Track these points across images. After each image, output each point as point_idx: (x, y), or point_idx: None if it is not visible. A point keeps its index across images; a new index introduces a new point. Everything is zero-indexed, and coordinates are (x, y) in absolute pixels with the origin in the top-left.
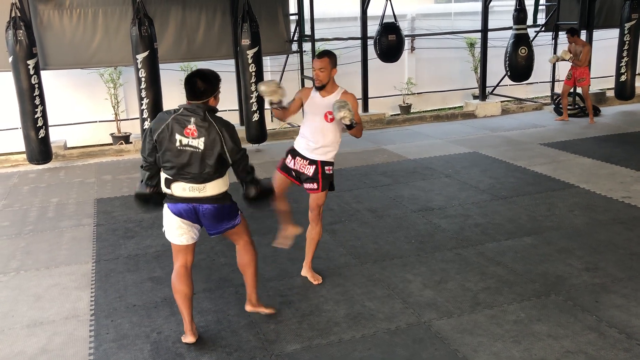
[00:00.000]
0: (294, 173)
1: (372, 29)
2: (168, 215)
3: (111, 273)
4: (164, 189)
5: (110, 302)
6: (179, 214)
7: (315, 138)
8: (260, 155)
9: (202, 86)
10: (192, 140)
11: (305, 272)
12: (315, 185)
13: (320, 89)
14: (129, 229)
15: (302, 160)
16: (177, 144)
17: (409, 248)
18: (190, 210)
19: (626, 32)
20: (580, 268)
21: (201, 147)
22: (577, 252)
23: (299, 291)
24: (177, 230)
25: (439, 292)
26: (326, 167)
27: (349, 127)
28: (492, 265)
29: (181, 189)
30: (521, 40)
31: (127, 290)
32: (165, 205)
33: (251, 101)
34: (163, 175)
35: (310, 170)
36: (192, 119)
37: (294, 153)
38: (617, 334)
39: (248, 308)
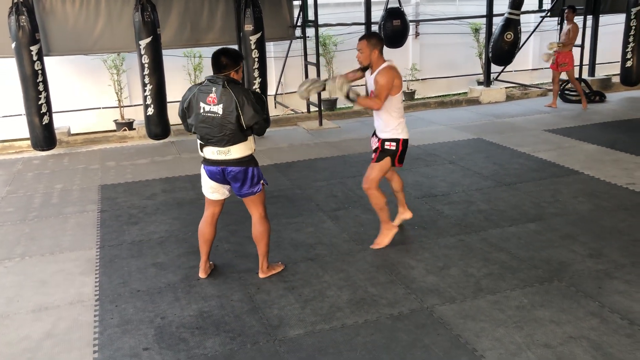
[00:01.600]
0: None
1: (376, 14)
2: (203, 175)
3: (115, 259)
4: (200, 152)
5: (114, 288)
6: (210, 175)
7: (374, 116)
8: (263, 141)
9: (224, 61)
10: (212, 107)
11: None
12: (373, 156)
13: (365, 69)
14: (133, 215)
15: (373, 137)
16: (201, 110)
17: (412, 234)
18: (219, 172)
19: (632, 17)
20: (583, 254)
21: (220, 112)
22: (581, 238)
23: (302, 277)
24: (209, 189)
25: (442, 278)
26: (386, 143)
27: (351, 100)
28: (495, 252)
29: (210, 152)
30: (510, 25)
31: (131, 275)
32: (201, 166)
33: (254, 87)
34: (198, 141)
35: (374, 145)
36: (214, 89)
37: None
38: (619, 319)
39: (260, 275)
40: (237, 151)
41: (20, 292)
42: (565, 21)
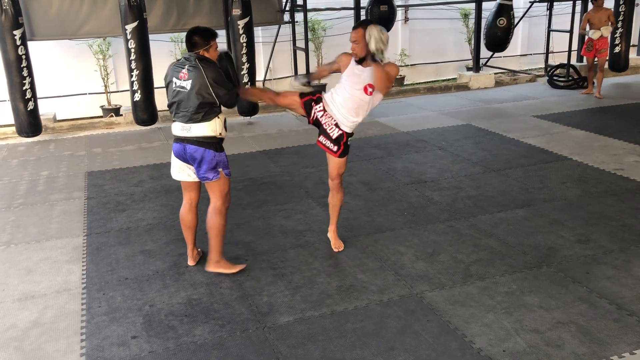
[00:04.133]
0: (313, 117)
1: None
2: (172, 155)
3: (102, 246)
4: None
5: (101, 276)
6: (175, 152)
7: (347, 108)
8: (251, 128)
9: (195, 39)
10: (183, 82)
11: (330, 235)
12: (335, 148)
13: (359, 62)
14: (120, 202)
15: (330, 118)
16: (174, 85)
17: (402, 220)
18: (181, 149)
19: (621, 2)
20: (572, 240)
21: (188, 87)
22: (569, 224)
23: (292, 264)
24: (175, 169)
25: (431, 264)
26: (350, 139)
27: (372, 58)
28: (485, 238)
29: (176, 128)
30: (503, 11)
31: (119, 263)
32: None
33: (242, 72)
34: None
35: (334, 133)
36: (186, 65)
37: (324, 105)
38: (607, 304)
39: (206, 267)
40: (197, 130)
41: (5, 281)
42: (593, 5)
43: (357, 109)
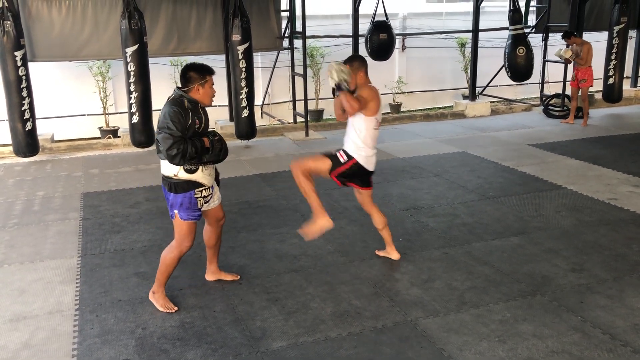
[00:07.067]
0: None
1: (364, 27)
2: None
3: (97, 268)
4: None
5: (95, 297)
6: None
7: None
8: (249, 151)
9: (190, 74)
10: None
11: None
12: (332, 159)
13: (351, 93)
14: (116, 223)
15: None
16: None
17: (397, 246)
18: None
19: (615, 35)
20: (566, 269)
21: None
22: (563, 252)
23: (286, 288)
24: None
25: (426, 291)
26: (340, 152)
27: (338, 88)
28: (479, 265)
29: None
30: (519, 40)
31: (113, 285)
32: None
33: (241, 97)
34: None
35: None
36: None
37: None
38: (601, 334)
39: (149, 295)
40: (162, 167)
41: None
42: (574, 44)
43: (347, 129)
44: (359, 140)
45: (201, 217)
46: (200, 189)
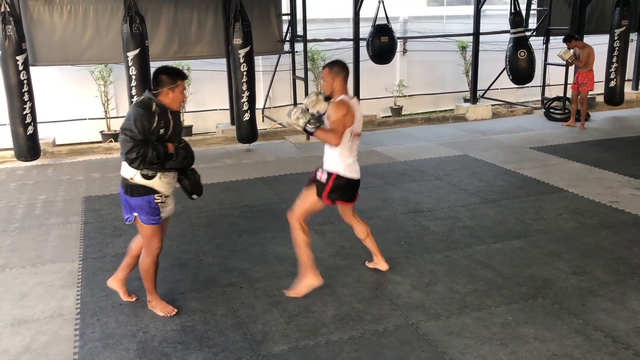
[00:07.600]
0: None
1: (365, 30)
2: None
3: (98, 271)
4: None
5: (96, 301)
6: None
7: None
8: (250, 154)
9: (161, 77)
10: None
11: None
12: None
13: (327, 99)
14: (117, 227)
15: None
16: None
17: (398, 250)
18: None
19: (616, 38)
20: (567, 272)
21: None
22: (565, 255)
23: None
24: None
25: (427, 294)
26: (319, 174)
27: (309, 132)
28: (481, 268)
29: None
30: (520, 44)
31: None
32: None
33: (242, 100)
34: None
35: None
36: None
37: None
38: (602, 337)
39: (109, 282)
40: (122, 169)
41: None
42: (576, 48)
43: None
44: (335, 153)
45: (161, 222)
46: (158, 195)
